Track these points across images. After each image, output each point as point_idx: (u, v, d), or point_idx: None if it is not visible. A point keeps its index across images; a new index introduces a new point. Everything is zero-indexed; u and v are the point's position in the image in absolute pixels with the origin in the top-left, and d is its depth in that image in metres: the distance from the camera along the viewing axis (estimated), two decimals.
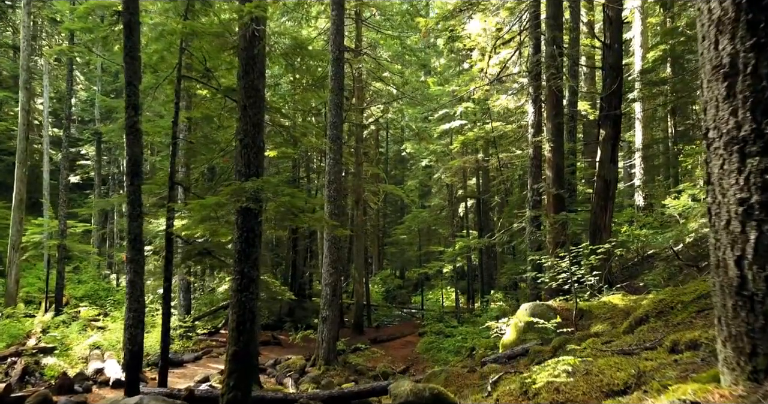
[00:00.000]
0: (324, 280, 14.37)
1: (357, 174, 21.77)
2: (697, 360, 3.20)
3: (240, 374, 6.62)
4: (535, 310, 8.50)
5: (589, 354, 4.49)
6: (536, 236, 12.69)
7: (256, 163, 7.01)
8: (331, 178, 14.41)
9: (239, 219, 6.90)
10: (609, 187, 12.23)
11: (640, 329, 5.20)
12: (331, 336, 14.15)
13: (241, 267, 6.86)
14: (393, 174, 44.17)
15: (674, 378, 2.92)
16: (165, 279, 8.97)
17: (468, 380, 6.99)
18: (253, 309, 6.84)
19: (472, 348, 15.28)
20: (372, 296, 31.52)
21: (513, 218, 21.10)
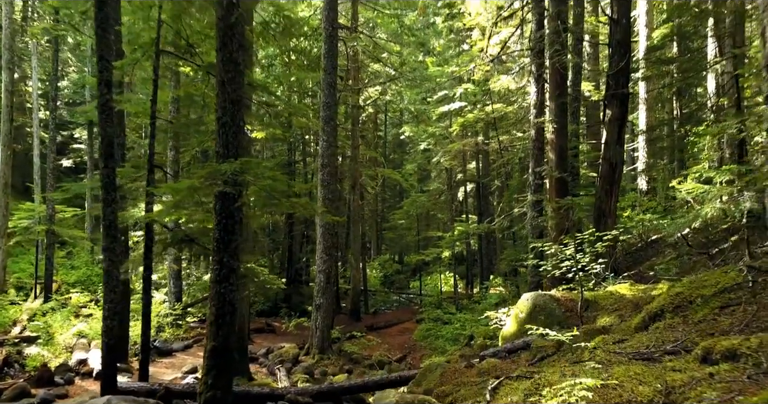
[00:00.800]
0: (318, 267, 13.88)
1: (353, 157, 21.18)
2: (742, 378, 2.68)
3: (219, 371, 6.13)
4: (538, 301, 8.00)
5: (602, 358, 3.98)
6: (538, 221, 12.16)
7: (236, 144, 6.45)
8: (324, 161, 13.84)
9: (218, 205, 6.35)
10: (615, 170, 11.67)
11: (656, 326, 4.69)
12: (325, 324, 13.71)
13: (220, 256, 6.34)
14: (392, 158, 43.58)
15: (716, 401, 2.41)
16: (145, 268, 8.45)
17: (465, 377, 6.51)
18: (234, 302, 6.33)
19: (470, 337, 14.87)
20: (370, 281, 31.13)
21: (513, 203, 20.56)
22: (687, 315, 4.64)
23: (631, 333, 5.06)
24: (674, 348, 3.65)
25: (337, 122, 20.58)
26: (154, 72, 8.76)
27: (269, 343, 15.91)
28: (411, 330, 19.02)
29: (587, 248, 8.06)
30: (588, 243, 8.09)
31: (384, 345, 16.19)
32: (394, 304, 28.47)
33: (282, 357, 13.15)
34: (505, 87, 19.48)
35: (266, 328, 17.45)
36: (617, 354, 3.95)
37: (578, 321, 7.38)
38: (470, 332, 14.81)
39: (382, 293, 28.39)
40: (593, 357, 4.14)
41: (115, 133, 11.84)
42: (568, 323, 7.56)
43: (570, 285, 8.99)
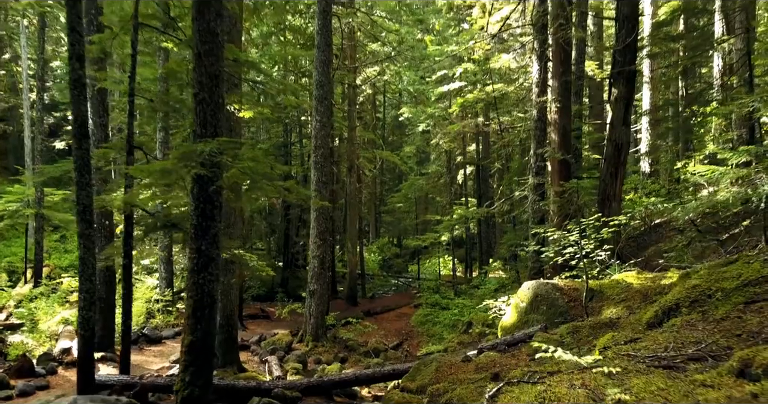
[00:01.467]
0: (312, 252, 13.45)
1: (350, 139, 20.63)
2: None
3: (198, 367, 5.71)
4: (539, 290, 7.57)
5: (613, 362, 3.53)
6: (539, 205, 11.69)
7: (214, 122, 5.94)
8: (317, 142, 13.31)
9: (195, 189, 5.86)
10: (620, 152, 11.15)
11: (672, 323, 4.23)
12: (320, 310, 13.33)
13: (198, 244, 5.87)
14: (390, 140, 42.97)
15: None
16: (124, 255, 8.00)
17: (462, 373, 6.09)
18: (213, 293, 5.88)
19: (468, 323, 14.49)
20: (368, 265, 30.79)
21: (514, 186, 20.07)
22: (706, 312, 4.19)
23: (643, 330, 4.61)
24: (698, 353, 3.21)
25: (333, 102, 20.00)
26: (132, 46, 8.20)
27: (263, 330, 15.55)
28: (408, 316, 18.68)
29: (592, 234, 7.59)
30: (593, 228, 7.62)
31: (380, 331, 15.84)
32: (392, 288, 28.15)
33: (275, 344, 12.79)
34: (506, 66, 18.88)
35: (261, 314, 17.10)
36: (631, 357, 3.50)
37: (582, 312, 6.96)
38: (468, 318, 14.43)
39: (380, 277, 28.06)
40: (604, 360, 3.69)
41: (90, 112, 11.37)
42: (572, 314, 7.14)
43: (573, 272, 8.54)
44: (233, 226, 10.36)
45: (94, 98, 11.24)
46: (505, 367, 5.87)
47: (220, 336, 10.34)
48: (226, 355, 10.36)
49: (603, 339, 4.36)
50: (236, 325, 10.56)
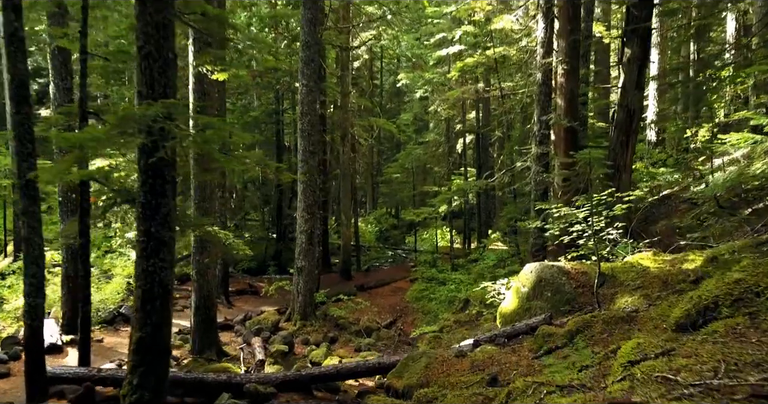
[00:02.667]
0: (299, 227, 12.63)
1: (343, 106, 19.56)
2: None
3: (148, 368, 4.93)
4: (543, 274, 6.75)
5: (645, 389, 2.71)
6: (542, 177, 10.81)
7: (163, 81, 4.99)
8: (304, 108, 12.32)
9: (141, 161, 4.97)
10: (632, 119, 10.22)
11: (712, 329, 3.41)
12: (308, 288, 12.60)
13: (147, 225, 5.01)
14: (388, 107, 41.74)
15: None
16: (80, 234, 7.16)
17: (454, 372, 5.33)
18: (165, 282, 5.06)
19: (465, 301, 13.78)
20: (365, 236, 30.05)
21: (515, 155, 19.11)
22: (756, 316, 3.36)
23: (673, 335, 3.80)
24: (765, 383, 2.40)
25: (325, 67, 18.87)
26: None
27: (250, 307, 14.87)
28: (403, 290, 18.00)
29: (603, 210, 6.74)
30: (604, 205, 6.75)
31: (373, 308, 15.15)
32: (388, 260, 27.48)
33: (260, 324, 12.09)
34: (508, 27, 17.68)
35: (249, 290, 16.39)
36: (670, 384, 2.69)
37: (593, 300, 6.15)
38: (465, 295, 13.72)
39: (377, 249, 27.36)
40: (632, 384, 2.87)
41: (52, 74, 10.37)
42: (580, 302, 6.34)
43: (579, 251, 7.71)
44: (209, 200, 9.50)
45: (56, 59, 10.22)
46: (504, 367, 5.10)
47: (197, 318, 9.63)
48: (204, 338, 9.65)
49: (626, 347, 3.53)
50: (214, 306, 9.82)
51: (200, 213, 9.39)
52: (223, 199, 14.50)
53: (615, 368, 3.36)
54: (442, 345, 11.03)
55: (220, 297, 14.44)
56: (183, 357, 9.56)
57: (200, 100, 9.38)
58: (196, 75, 9.28)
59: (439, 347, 11.06)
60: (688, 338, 3.50)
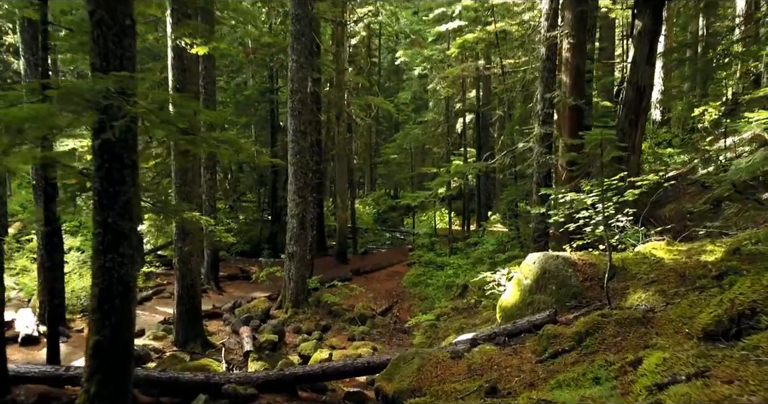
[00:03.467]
0: (290, 211, 12.08)
1: (338, 84, 18.85)
2: None
3: (107, 375, 4.41)
4: (547, 265, 6.21)
5: None
6: (545, 159, 10.21)
7: (120, 53, 4.38)
8: (294, 86, 11.67)
9: (96, 142, 4.39)
10: (642, 96, 9.59)
11: (753, 343, 2.88)
12: (300, 274, 12.10)
13: (104, 215, 4.45)
14: (387, 86, 40.89)
15: None
16: (46, 221, 6.61)
17: (449, 377, 4.82)
18: (127, 278, 4.52)
19: (464, 286, 13.31)
20: (362, 218, 29.55)
21: (516, 136, 18.47)
22: None
23: (699, 343, 3.27)
24: None
25: (317, 41, 18.10)
26: None
27: (241, 293, 14.40)
28: (400, 275, 17.53)
29: (613, 196, 6.16)
30: (615, 190, 6.17)
31: (369, 294, 14.68)
32: (386, 242, 27.01)
33: (250, 312, 11.61)
34: (510, 1, 16.94)
35: (240, 275, 15.91)
36: None
37: (601, 295, 5.63)
38: (464, 281, 13.26)
39: (375, 231, 26.86)
40: None
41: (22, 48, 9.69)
42: (587, 296, 5.82)
43: (585, 239, 7.15)
44: (191, 184, 8.92)
45: (26, 32, 9.54)
46: (505, 372, 4.59)
47: (180, 308, 9.14)
48: (188, 329, 9.17)
49: (648, 362, 3.01)
50: (198, 295, 9.32)
51: (181, 197, 8.82)
52: (212, 182, 13.93)
53: (637, 390, 2.83)
54: (439, 335, 10.58)
55: (210, 282, 13.98)
56: (166, 348, 9.09)
57: (180, 77, 8.75)
58: (174, 49, 8.63)
59: (435, 337, 10.62)
60: (723, 353, 2.96)
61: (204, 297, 13.39)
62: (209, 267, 13.95)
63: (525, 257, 13.36)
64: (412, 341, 11.13)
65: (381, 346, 10.62)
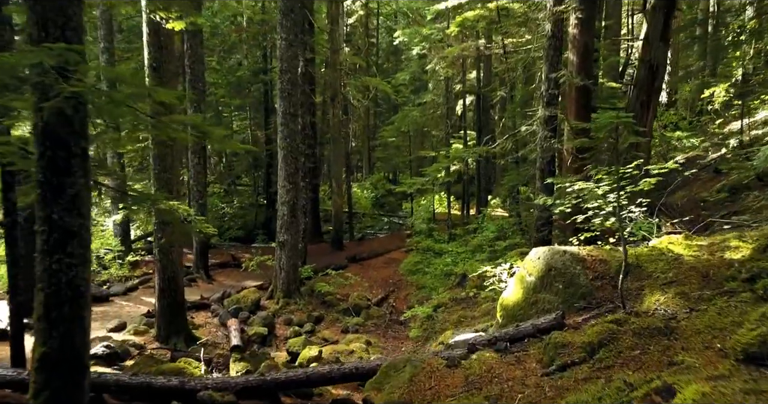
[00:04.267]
0: (280, 198, 11.51)
1: (333, 64, 18.11)
2: None
3: (57, 393, 3.89)
4: (553, 261, 5.66)
5: None
6: (550, 143, 9.60)
7: (61, 22, 3.75)
8: (284, 65, 11.00)
9: (39, 127, 3.80)
10: (655, 75, 8.95)
11: None
12: (291, 264, 11.58)
13: (48, 210, 3.87)
14: (386, 67, 40.02)
15: None
16: (6, 213, 6.04)
17: (444, 390, 4.30)
18: (77, 282, 3.96)
19: (462, 276, 12.80)
20: (360, 202, 28.98)
21: (517, 118, 17.82)
22: None
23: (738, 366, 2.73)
24: None
25: (311, 19, 17.34)
26: None
27: (232, 281, 13.91)
28: (398, 262, 17.04)
29: (627, 185, 5.58)
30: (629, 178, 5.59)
31: (364, 283, 14.20)
32: (384, 227, 26.49)
33: (239, 303, 11.11)
34: None
35: (232, 263, 15.38)
36: None
37: (614, 296, 5.09)
38: (463, 269, 12.75)
39: (373, 216, 26.32)
40: None
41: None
42: (598, 297, 5.27)
43: (593, 231, 6.59)
44: (170, 170, 8.33)
45: None
46: (506, 385, 4.08)
47: (162, 302, 8.62)
48: (171, 324, 8.66)
49: (684, 397, 2.47)
50: (181, 288, 8.80)
51: (159, 185, 8.25)
52: (200, 166, 13.33)
53: None
54: (436, 328, 10.09)
55: (199, 271, 13.48)
56: (147, 344, 8.60)
57: (157, 55, 8.11)
58: (150, 24, 7.98)
59: (432, 330, 10.13)
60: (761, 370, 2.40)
61: (193, 287, 12.94)
62: (198, 255, 13.43)
63: (527, 245, 12.87)
64: (408, 333, 10.67)
65: (375, 339, 10.15)
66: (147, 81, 8.19)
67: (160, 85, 8.18)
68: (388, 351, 9.64)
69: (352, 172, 35.29)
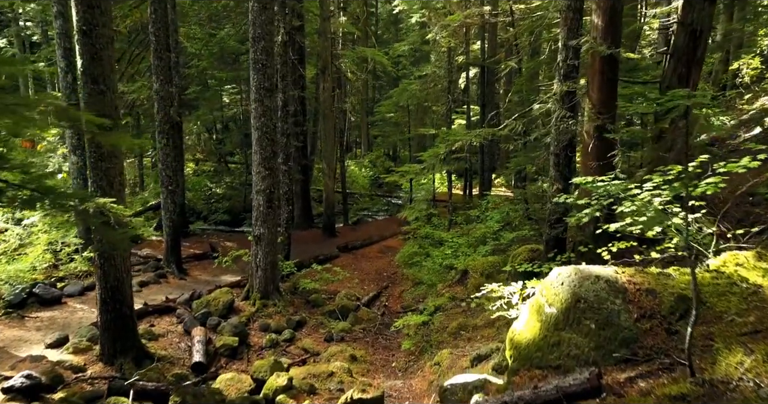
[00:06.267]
0: (255, 185, 10.08)
1: (323, 32, 16.43)
2: None
3: None
4: (583, 289, 4.25)
5: None
6: (568, 124, 8.08)
7: None
8: (256, 32, 9.42)
9: None
10: (698, 43, 7.38)
11: None
12: (269, 260, 10.22)
13: None
14: (385, 37, 38.16)
15: None
16: None
17: None
18: None
19: (463, 272, 11.45)
20: (357, 181, 27.56)
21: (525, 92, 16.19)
22: None
23: None
24: None
25: None
26: None
27: (208, 276, 12.56)
28: (394, 250, 15.69)
29: (684, 189, 4.12)
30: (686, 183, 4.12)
31: (355, 278, 12.87)
32: (383, 208, 25.11)
33: (209, 305, 9.76)
34: None
35: (211, 253, 13.96)
36: None
37: (671, 346, 3.68)
38: (464, 265, 11.37)
39: (367, 198, 24.88)
40: None
41: None
42: (647, 347, 3.85)
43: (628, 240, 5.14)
44: (108, 159, 6.87)
45: None
46: None
47: (105, 317, 7.28)
48: (117, 341, 7.33)
49: None
50: (128, 297, 7.42)
51: (96, 176, 6.81)
52: (168, 148, 11.82)
53: None
54: (431, 340, 8.73)
55: (171, 265, 12.12)
56: (89, 365, 7.28)
57: (88, 16, 6.57)
58: None
59: (426, 343, 8.78)
60: None
61: (162, 284, 11.61)
62: (169, 248, 12.07)
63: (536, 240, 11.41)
64: (400, 342, 9.35)
65: (362, 351, 8.83)
66: (77, 48, 6.69)
67: (94, 54, 6.69)
68: (377, 367, 8.33)
69: (350, 149, 33.76)
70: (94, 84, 6.68)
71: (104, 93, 6.75)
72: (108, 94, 6.80)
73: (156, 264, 12.33)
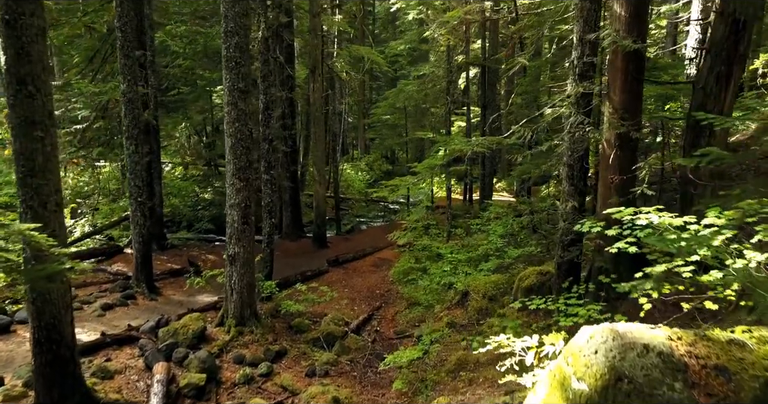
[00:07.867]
0: (229, 199, 8.97)
1: (313, 30, 15.32)
2: None
3: None
4: (625, 363, 3.13)
5: None
6: (584, 131, 6.98)
7: None
8: (229, 26, 8.31)
9: None
10: (740, 36, 6.26)
11: None
12: (245, 282, 9.11)
13: None
14: (383, 36, 37.14)
15: None
16: None
17: None
18: None
19: (464, 293, 10.34)
20: (354, 185, 26.49)
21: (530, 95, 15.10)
22: None
23: None
24: None
25: None
26: None
27: (183, 296, 11.44)
28: (388, 263, 14.59)
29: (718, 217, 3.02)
30: None
31: (344, 298, 11.79)
32: (379, 214, 24.00)
33: (177, 335, 8.64)
34: None
35: (189, 269, 12.81)
36: None
37: None
38: (464, 285, 10.26)
39: (362, 204, 23.76)
40: None
41: None
42: None
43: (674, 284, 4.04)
44: (42, 174, 5.76)
45: None
46: None
47: (40, 360, 6.14)
48: (53, 387, 6.20)
49: None
50: (67, 337, 6.30)
51: (26, 195, 5.71)
52: (137, 156, 10.70)
53: None
54: (427, 378, 7.63)
55: (140, 285, 11.01)
56: None
57: (12, 3, 5.48)
58: None
59: (421, 382, 7.67)
60: None
61: (129, 307, 10.50)
62: (139, 265, 10.96)
63: (544, 258, 10.30)
64: (392, 378, 8.22)
65: (348, 390, 7.72)
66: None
67: (20, 49, 5.59)
68: None
69: (346, 151, 32.63)
70: (21, 85, 5.58)
71: (34, 96, 5.64)
72: (39, 98, 5.69)
73: (125, 283, 11.22)
